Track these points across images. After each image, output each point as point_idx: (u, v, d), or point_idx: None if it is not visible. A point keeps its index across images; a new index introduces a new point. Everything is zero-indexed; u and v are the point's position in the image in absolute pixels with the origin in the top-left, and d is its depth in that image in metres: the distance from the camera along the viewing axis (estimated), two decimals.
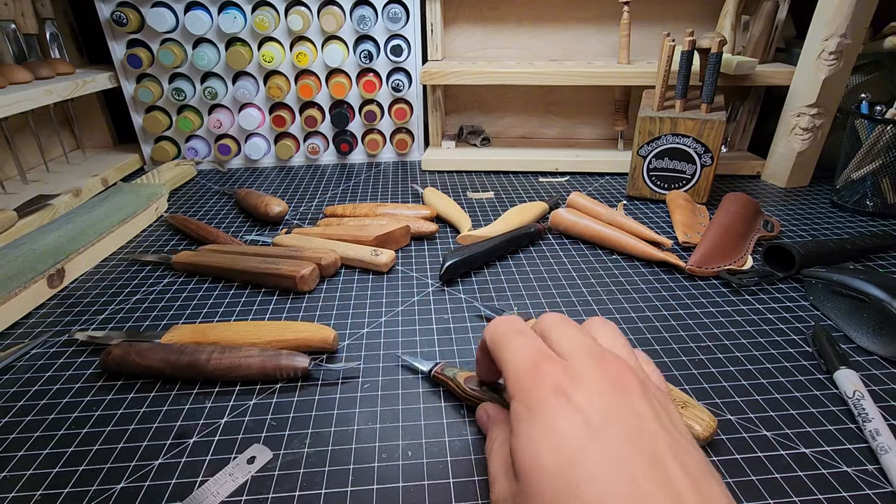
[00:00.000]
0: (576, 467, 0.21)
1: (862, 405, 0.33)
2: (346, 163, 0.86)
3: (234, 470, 0.30)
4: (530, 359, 0.25)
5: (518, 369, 0.25)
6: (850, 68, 0.66)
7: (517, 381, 0.25)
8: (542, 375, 0.24)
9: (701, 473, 0.21)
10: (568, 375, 0.24)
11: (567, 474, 0.21)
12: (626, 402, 0.23)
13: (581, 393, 0.23)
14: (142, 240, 0.60)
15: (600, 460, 0.21)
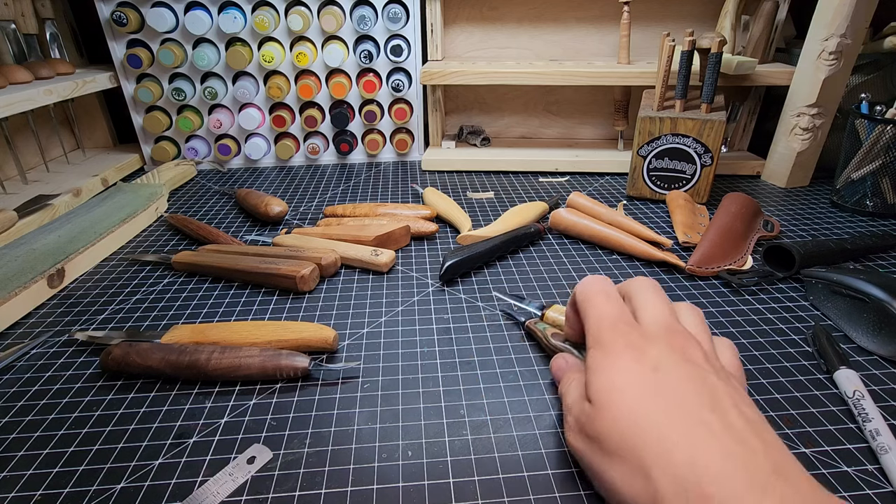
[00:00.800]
0: (641, 388, 0.24)
1: (862, 405, 0.33)
2: (346, 163, 0.86)
3: (234, 470, 0.30)
4: (612, 318, 0.28)
5: (600, 325, 0.28)
6: (850, 68, 0.66)
7: (597, 333, 0.28)
8: (619, 333, 0.27)
9: (759, 421, 0.23)
10: (642, 337, 0.27)
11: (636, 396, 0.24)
12: (689, 360, 0.26)
13: (652, 350, 0.26)
14: (142, 240, 0.60)
15: (662, 389, 0.24)
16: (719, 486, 0.21)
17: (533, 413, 0.34)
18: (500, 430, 0.33)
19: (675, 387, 0.24)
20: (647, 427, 0.23)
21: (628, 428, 0.24)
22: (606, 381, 0.26)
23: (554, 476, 0.29)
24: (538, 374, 0.37)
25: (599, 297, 0.30)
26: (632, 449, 0.23)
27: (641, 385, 0.25)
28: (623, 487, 0.23)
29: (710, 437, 0.22)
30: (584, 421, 0.26)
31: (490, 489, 0.29)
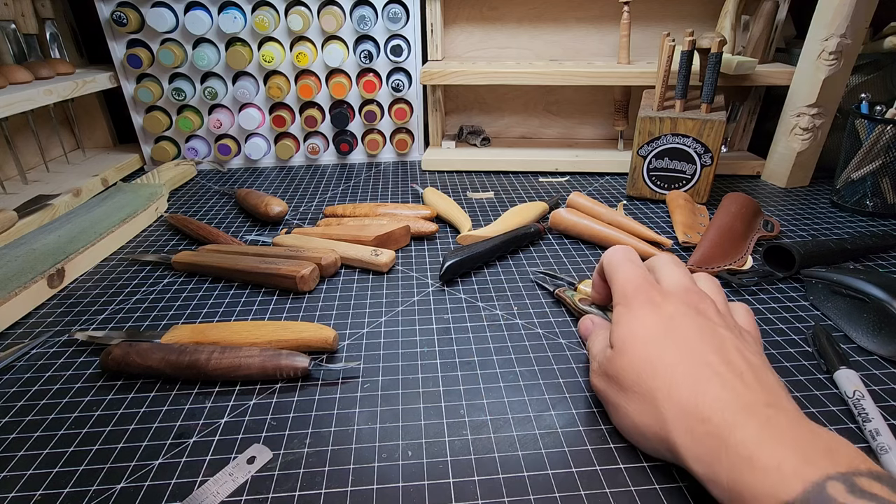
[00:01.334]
0: (656, 334, 0.29)
1: (862, 405, 0.32)
2: (346, 163, 0.86)
3: (234, 470, 0.30)
4: (636, 280, 0.32)
5: (625, 286, 0.32)
6: (850, 68, 0.66)
7: (623, 293, 0.32)
8: (642, 292, 0.31)
9: (761, 366, 0.27)
10: (661, 294, 0.31)
11: (650, 342, 0.28)
12: (703, 317, 0.29)
13: (669, 304, 0.30)
14: (142, 240, 0.60)
15: (679, 338, 0.28)
16: (715, 411, 0.24)
17: (533, 413, 0.34)
18: (500, 430, 0.33)
19: (685, 334, 0.28)
20: (658, 367, 0.27)
21: (642, 368, 0.28)
22: (627, 330, 0.30)
23: (554, 476, 0.29)
24: (538, 374, 0.37)
25: (625, 263, 0.34)
26: (645, 385, 0.27)
27: (656, 332, 0.29)
28: (637, 417, 0.28)
29: (712, 374, 0.26)
30: (606, 363, 0.31)
31: (490, 489, 0.29)
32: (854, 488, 0.20)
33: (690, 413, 0.25)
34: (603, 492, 0.28)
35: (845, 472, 0.20)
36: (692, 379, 0.26)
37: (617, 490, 0.28)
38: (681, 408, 0.25)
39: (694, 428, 0.24)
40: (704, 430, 0.24)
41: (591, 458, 0.30)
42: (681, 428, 0.25)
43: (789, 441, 0.22)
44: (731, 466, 0.22)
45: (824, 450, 0.22)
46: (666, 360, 0.27)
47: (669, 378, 0.27)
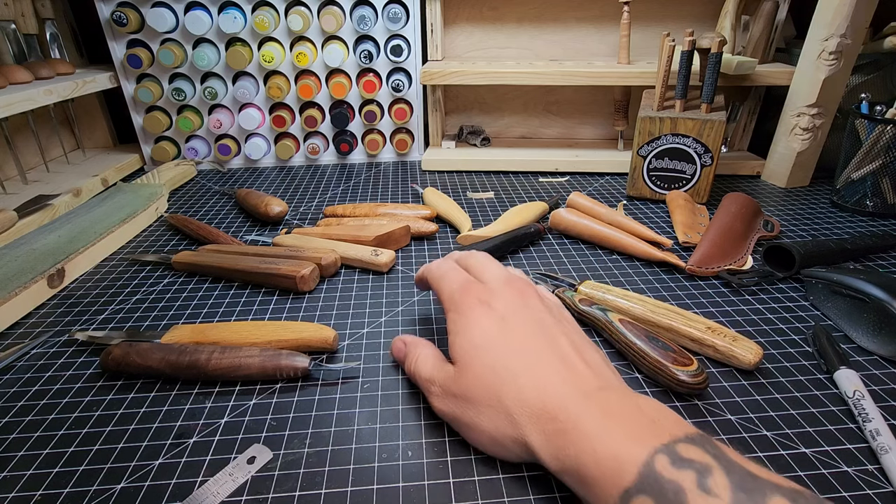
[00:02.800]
0: (495, 342, 0.30)
1: (862, 405, 0.33)
2: (346, 163, 0.86)
3: (234, 470, 0.30)
4: (461, 283, 0.34)
5: (452, 291, 0.34)
6: (850, 68, 0.66)
7: (451, 299, 0.34)
8: (469, 293, 0.33)
9: (582, 344, 0.31)
10: (487, 292, 0.33)
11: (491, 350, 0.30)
12: (528, 306, 0.32)
13: (497, 302, 0.32)
14: (142, 240, 0.60)
15: (510, 337, 0.30)
16: (559, 408, 0.26)
17: None
18: None
19: (520, 333, 0.30)
20: (503, 374, 0.29)
21: (489, 378, 0.29)
22: (467, 340, 0.31)
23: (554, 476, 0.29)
24: None
25: (448, 272, 0.36)
26: (494, 396, 0.28)
27: (493, 337, 0.30)
28: (493, 429, 0.28)
29: (550, 371, 0.28)
30: (451, 383, 0.31)
31: (490, 489, 0.29)
32: (675, 458, 0.22)
33: (540, 415, 0.27)
34: None
35: (667, 443, 0.23)
36: (534, 380, 0.28)
37: None
38: (531, 411, 0.27)
39: (545, 428, 0.26)
40: (553, 429, 0.26)
41: None
42: (535, 431, 0.27)
43: (622, 424, 0.24)
44: (579, 460, 0.24)
45: (648, 423, 0.24)
46: (509, 365, 0.29)
47: (515, 385, 0.28)
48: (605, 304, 0.42)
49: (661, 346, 0.36)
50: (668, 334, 0.40)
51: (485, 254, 0.38)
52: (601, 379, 0.28)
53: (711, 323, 0.39)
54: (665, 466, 0.22)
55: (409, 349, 0.35)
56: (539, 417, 0.27)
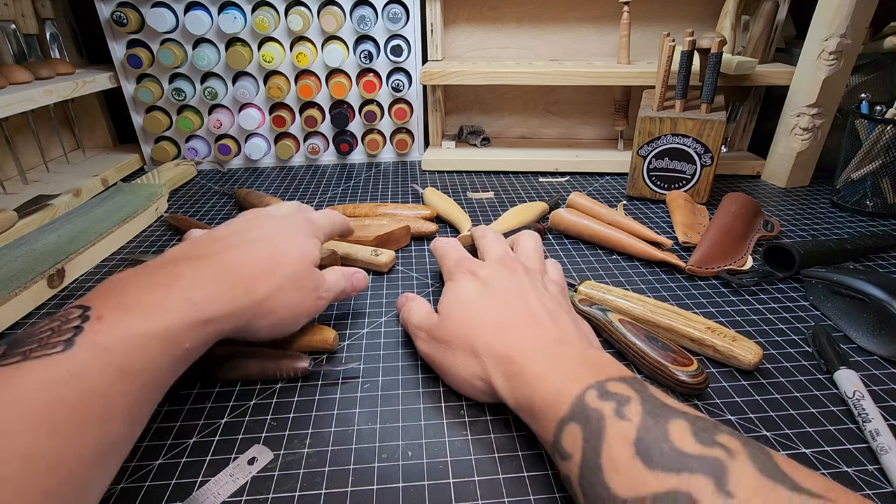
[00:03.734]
0: (474, 302, 0.35)
1: (862, 405, 0.33)
2: (346, 163, 0.86)
3: (235, 471, 0.30)
4: (457, 259, 0.40)
5: (450, 265, 0.40)
6: (850, 68, 0.66)
7: (448, 270, 0.40)
8: (463, 265, 0.39)
9: (553, 307, 0.34)
10: (478, 265, 0.39)
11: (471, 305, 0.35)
12: (512, 276, 0.37)
13: (483, 271, 0.37)
14: (142, 240, 0.60)
15: (489, 296, 0.35)
16: (519, 353, 0.31)
17: None
18: (500, 429, 0.33)
19: (498, 290, 0.35)
20: (477, 324, 0.33)
21: (465, 327, 0.34)
22: (452, 297, 0.36)
23: (554, 476, 0.29)
24: None
25: (449, 251, 0.42)
26: (468, 341, 0.33)
27: (475, 295, 0.36)
28: (464, 369, 0.33)
29: (517, 323, 0.33)
30: (434, 329, 0.36)
31: (490, 489, 0.29)
32: (603, 392, 0.26)
33: (503, 359, 0.31)
34: None
35: (601, 381, 0.27)
36: (502, 330, 0.32)
37: None
38: (495, 355, 0.31)
39: (506, 370, 0.31)
40: (512, 370, 0.30)
41: None
42: (498, 372, 0.31)
43: (567, 367, 0.29)
44: (528, 395, 0.29)
45: (591, 366, 0.28)
46: (483, 316, 0.34)
47: (485, 332, 0.33)
48: (605, 304, 0.42)
49: (660, 347, 0.36)
50: (668, 334, 0.40)
51: (496, 234, 0.44)
52: (562, 333, 0.32)
53: (711, 323, 0.39)
54: (593, 398, 0.26)
55: (409, 302, 0.40)
56: (501, 360, 0.31)
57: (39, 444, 0.20)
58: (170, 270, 0.29)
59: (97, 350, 0.23)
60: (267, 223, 0.37)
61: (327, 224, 0.43)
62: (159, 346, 0.26)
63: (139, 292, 0.27)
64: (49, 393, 0.21)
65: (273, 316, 0.33)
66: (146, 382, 0.25)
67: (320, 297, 0.37)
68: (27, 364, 0.22)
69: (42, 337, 0.23)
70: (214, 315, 0.29)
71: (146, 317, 0.26)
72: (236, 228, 0.36)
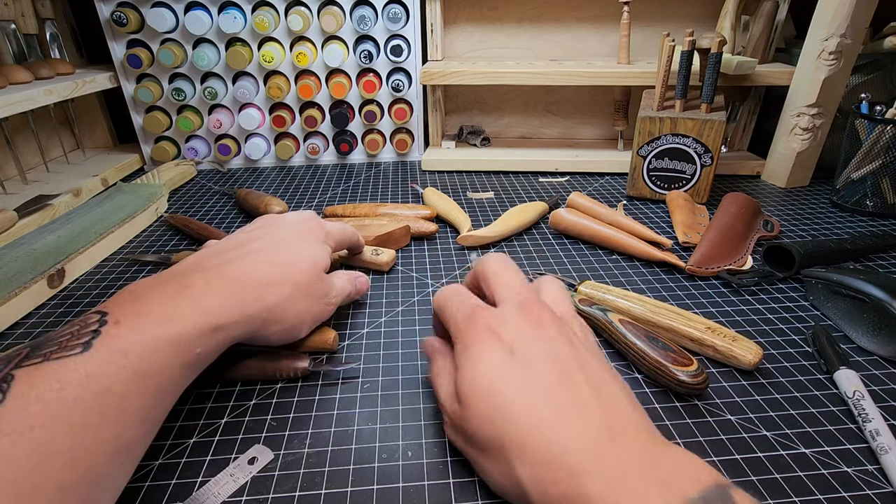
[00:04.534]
0: (503, 386, 0.26)
1: (862, 405, 0.33)
2: (346, 163, 0.86)
3: (235, 470, 0.30)
4: (467, 310, 0.31)
5: (457, 319, 0.31)
6: (850, 68, 0.66)
7: (457, 328, 0.30)
8: (476, 320, 0.29)
9: (602, 380, 0.27)
10: (497, 319, 0.29)
11: (496, 392, 0.26)
12: (541, 333, 0.28)
13: (506, 331, 0.28)
14: (142, 240, 0.60)
15: (522, 379, 0.26)
16: (562, 460, 0.23)
17: None
18: None
19: (528, 359, 0.27)
20: (507, 423, 0.25)
21: (492, 426, 0.26)
22: (469, 379, 0.28)
23: None
24: None
25: (454, 297, 0.32)
26: (497, 444, 0.26)
27: (499, 369, 0.27)
28: (495, 477, 0.26)
29: (557, 417, 0.25)
30: (457, 420, 0.28)
31: (490, 489, 0.29)
32: None
33: (543, 476, 0.24)
34: None
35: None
36: (539, 429, 0.25)
37: None
38: (532, 465, 0.24)
39: (548, 491, 0.23)
40: (557, 492, 0.23)
41: None
42: (536, 492, 0.24)
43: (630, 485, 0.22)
44: None
45: (658, 482, 0.22)
46: (513, 412, 0.26)
47: (518, 435, 0.25)
48: (605, 304, 0.42)
49: (660, 347, 0.36)
50: (668, 334, 0.40)
51: (501, 257, 0.34)
52: (616, 423, 0.25)
53: (711, 323, 0.39)
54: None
55: (437, 356, 0.33)
56: (542, 479, 0.24)
57: (57, 440, 0.21)
58: (181, 281, 0.30)
59: (114, 353, 0.24)
60: (279, 230, 0.38)
61: (339, 233, 0.43)
62: (173, 350, 0.27)
63: (154, 300, 0.28)
64: (67, 392, 0.22)
65: (283, 323, 0.34)
66: (160, 385, 0.26)
67: (329, 302, 0.38)
68: (48, 365, 0.23)
69: (62, 340, 0.24)
70: (225, 322, 0.30)
71: (160, 323, 0.27)
72: (248, 237, 0.37)
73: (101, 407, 0.23)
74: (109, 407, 0.23)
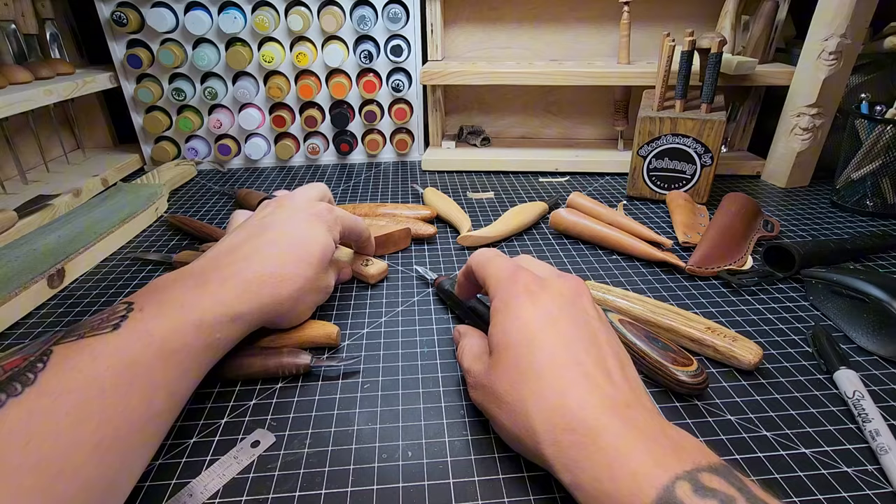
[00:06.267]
0: (534, 341, 0.28)
1: (862, 405, 0.33)
2: (346, 163, 0.86)
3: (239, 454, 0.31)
4: (510, 269, 0.32)
5: (499, 277, 0.32)
6: (850, 68, 0.66)
7: (498, 285, 0.32)
8: (518, 279, 0.31)
9: (625, 359, 0.29)
10: (538, 282, 0.31)
11: (528, 345, 0.28)
12: (579, 305, 0.30)
13: (546, 294, 0.30)
14: (142, 240, 0.60)
15: (553, 338, 0.28)
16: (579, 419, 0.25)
17: None
18: None
19: (562, 332, 0.28)
20: (529, 376, 0.27)
21: (515, 377, 0.27)
22: (503, 333, 0.29)
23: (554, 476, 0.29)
24: None
25: (496, 257, 0.34)
26: (517, 393, 0.27)
27: (532, 334, 0.28)
28: (512, 427, 0.27)
29: (581, 375, 0.26)
30: (483, 375, 0.30)
31: (490, 489, 0.29)
32: (698, 486, 0.21)
33: (556, 423, 0.25)
34: None
35: (690, 470, 0.22)
36: (560, 383, 0.26)
37: None
38: (548, 416, 0.25)
39: (560, 439, 0.25)
40: (569, 440, 0.24)
41: None
42: (548, 439, 0.25)
43: (643, 443, 0.23)
44: (594, 475, 0.23)
45: (672, 448, 0.23)
46: (537, 363, 0.27)
47: (539, 389, 0.26)
48: (605, 304, 0.42)
49: (660, 347, 0.36)
50: (668, 334, 0.40)
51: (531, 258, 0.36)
52: (633, 394, 0.26)
53: (711, 323, 0.39)
54: (687, 493, 0.21)
55: (461, 338, 0.35)
56: (555, 425, 0.25)
57: (92, 402, 0.24)
58: (199, 278, 0.33)
59: (140, 332, 0.28)
60: (290, 217, 0.39)
61: (349, 221, 0.44)
62: (194, 332, 0.30)
63: (175, 291, 0.31)
64: (99, 362, 0.25)
65: (293, 311, 0.38)
66: (183, 361, 0.29)
67: (328, 291, 0.42)
68: (82, 341, 0.26)
69: (94, 324, 0.28)
70: (242, 313, 0.33)
71: (181, 309, 0.30)
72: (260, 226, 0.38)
73: (130, 376, 0.26)
74: (137, 376, 0.26)
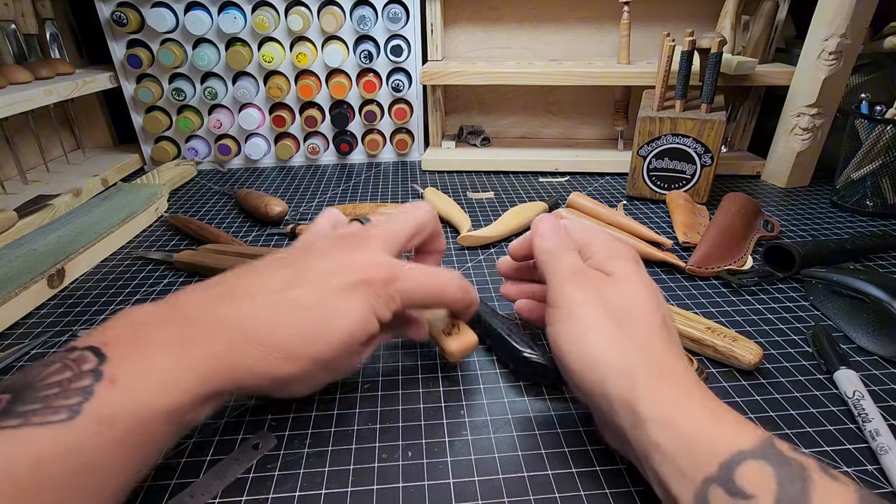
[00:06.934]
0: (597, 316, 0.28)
1: (862, 405, 0.33)
2: (346, 163, 0.86)
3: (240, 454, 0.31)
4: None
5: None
6: (850, 68, 0.66)
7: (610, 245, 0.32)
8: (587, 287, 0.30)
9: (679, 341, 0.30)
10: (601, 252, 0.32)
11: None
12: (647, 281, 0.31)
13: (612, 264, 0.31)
14: (142, 240, 0.60)
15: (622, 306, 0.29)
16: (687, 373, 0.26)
17: (533, 413, 0.34)
18: (499, 430, 0.33)
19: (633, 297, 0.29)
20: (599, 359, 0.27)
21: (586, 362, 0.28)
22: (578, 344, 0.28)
23: (554, 476, 0.29)
24: None
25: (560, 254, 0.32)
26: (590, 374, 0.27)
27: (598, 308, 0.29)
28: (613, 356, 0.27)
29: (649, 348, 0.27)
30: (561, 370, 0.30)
31: (490, 489, 0.29)
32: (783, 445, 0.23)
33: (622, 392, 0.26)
34: (603, 492, 0.28)
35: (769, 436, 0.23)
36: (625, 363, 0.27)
37: (617, 491, 0.28)
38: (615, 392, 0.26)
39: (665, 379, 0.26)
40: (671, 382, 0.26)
41: (592, 458, 0.30)
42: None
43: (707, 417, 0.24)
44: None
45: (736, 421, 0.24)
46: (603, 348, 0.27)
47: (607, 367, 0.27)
48: None
49: None
50: None
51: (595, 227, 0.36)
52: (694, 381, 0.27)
53: (711, 323, 0.39)
54: (785, 447, 0.22)
55: None
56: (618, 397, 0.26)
57: None
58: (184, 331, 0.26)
59: (102, 423, 0.22)
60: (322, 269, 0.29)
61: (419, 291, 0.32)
62: (163, 420, 0.24)
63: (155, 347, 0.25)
64: (41, 472, 0.20)
65: (286, 391, 0.29)
66: (143, 452, 0.24)
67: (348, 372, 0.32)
68: (25, 432, 0.21)
69: (49, 394, 0.22)
70: (223, 390, 0.26)
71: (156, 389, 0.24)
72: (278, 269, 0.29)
73: (76, 484, 0.21)
74: (85, 484, 0.22)
